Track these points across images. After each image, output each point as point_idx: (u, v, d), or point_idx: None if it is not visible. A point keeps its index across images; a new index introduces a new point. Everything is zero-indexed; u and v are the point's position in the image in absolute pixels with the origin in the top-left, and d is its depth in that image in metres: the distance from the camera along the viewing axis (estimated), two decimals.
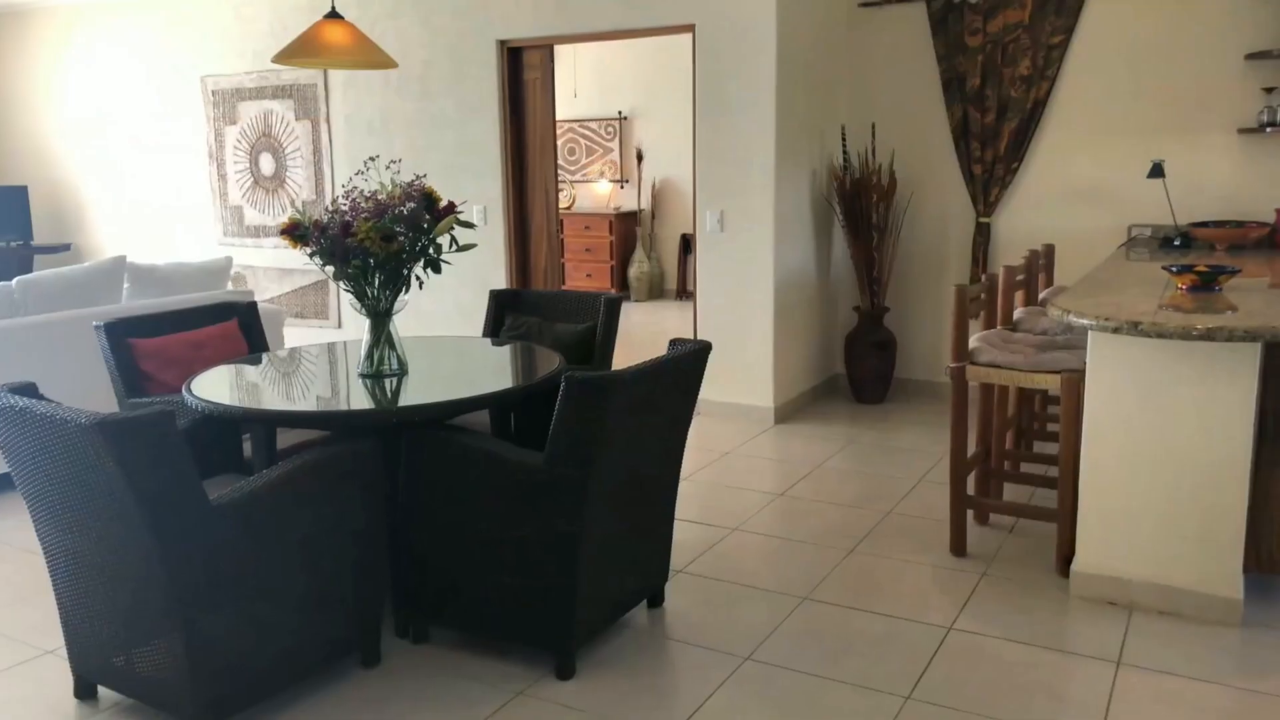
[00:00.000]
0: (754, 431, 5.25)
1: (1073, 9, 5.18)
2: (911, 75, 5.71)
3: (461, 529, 2.81)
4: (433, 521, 2.85)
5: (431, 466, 2.81)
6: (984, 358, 3.50)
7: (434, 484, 2.82)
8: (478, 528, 2.78)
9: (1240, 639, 2.95)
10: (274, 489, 2.50)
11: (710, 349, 2.93)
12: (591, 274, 10.23)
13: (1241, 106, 4.95)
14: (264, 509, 2.48)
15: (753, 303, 5.31)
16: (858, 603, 3.24)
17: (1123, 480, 3.14)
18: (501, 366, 3.48)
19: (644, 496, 2.95)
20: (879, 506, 4.13)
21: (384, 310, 3.18)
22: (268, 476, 2.52)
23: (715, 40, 5.19)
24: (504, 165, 6.01)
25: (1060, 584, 3.34)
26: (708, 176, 5.33)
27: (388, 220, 3.04)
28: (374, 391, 3.09)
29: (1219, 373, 2.95)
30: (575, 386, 2.53)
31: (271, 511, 2.50)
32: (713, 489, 4.37)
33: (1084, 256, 5.38)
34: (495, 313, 4.21)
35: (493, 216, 6.08)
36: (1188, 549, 3.07)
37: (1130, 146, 5.22)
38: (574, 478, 2.60)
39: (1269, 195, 4.95)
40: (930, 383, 5.94)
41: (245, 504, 2.43)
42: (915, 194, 5.80)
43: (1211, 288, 3.41)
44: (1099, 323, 2.95)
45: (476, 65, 5.98)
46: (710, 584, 3.41)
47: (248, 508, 2.44)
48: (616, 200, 10.45)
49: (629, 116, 10.26)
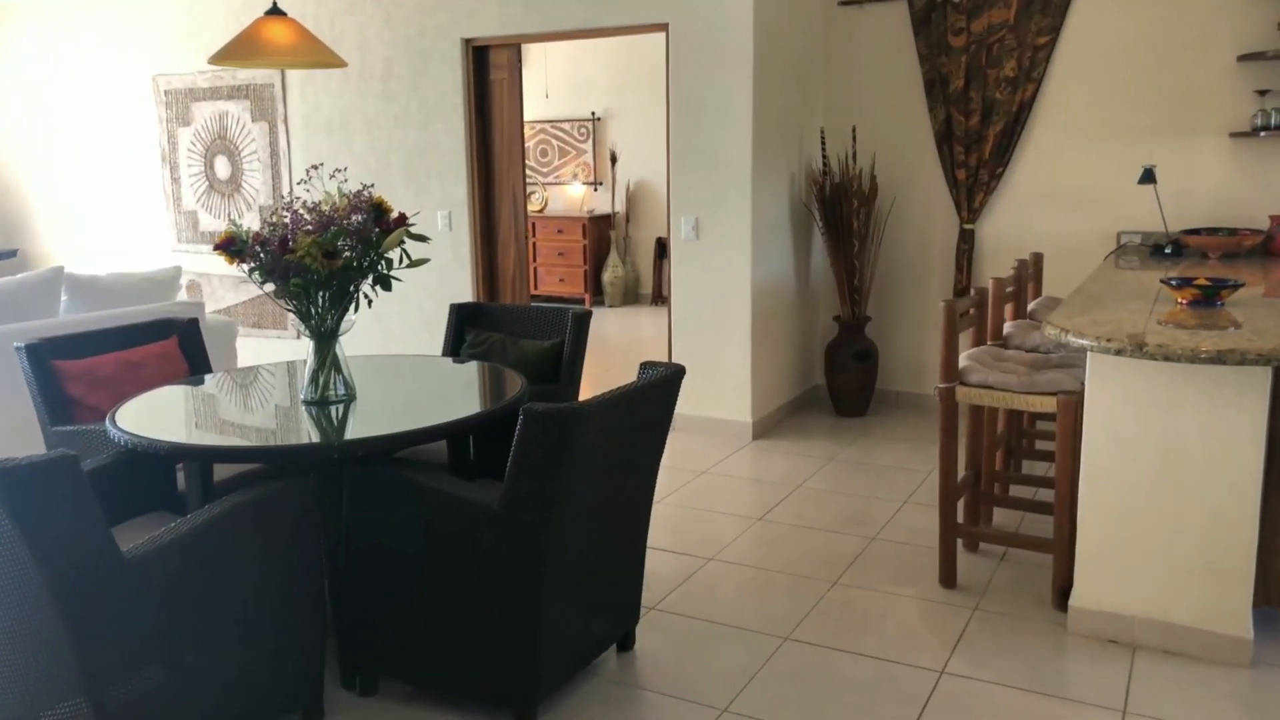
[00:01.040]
0: (731, 448, 5.02)
1: (1059, 8, 5.00)
2: (893, 77, 5.51)
3: (412, 573, 2.56)
4: (381, 565, 2.60)
5: (378, 506, 2.56)
6: (975, 378, 3.29)
7: (381, 524, 2.57)
8: (430, 572, 2.54)
9: (1250, 682, 2.75)
10: (200, 536, 2.25)
11: (684, 373, 2.70)
12: (564, 279, 9.98)
13: (1234, 110, 4.78)
14: (188, 558, 2.22)
15: (730, 313, 5.08)
16: (843, 643, 3.02)
17: (1124, 510, 2.94)
18: (460, 390, 3.23)
19: (613, 534, 2.72)
20: (863, 532, 3.91)
21: (329, 331, 2.92)
22: (193, 522, 2.27)
23: (690, 40, 4.96)
24: (470, 168, 5.76)
25: (1057, 619, 3.14)
26: (682, 182, 5.11)
27: (332, 234, 2.79)
28: (318, 421, 2.83)
29: (1227, 396, 2.76)
30: (535, 420, 2.29)
31: (198, 560, 2.25)
32: (687, 513, 4.14)
33: (1072, 264, 5.20)
34: (456, 328, 3.96)
35: (458, 222, 5.83)
36: (1194, 584, 2.88)
37: (1119, 150, 5.05)
38: (535, 519, 2.37)
39: (1262, 201, 4.79)
40: (913, 394, 5.75)
41: (165, 555, 2.18)
42: (897, 200, 5.60)
43: (1213, 303, 3.22)
44: (1100, 343, 2.75)
45: (440, 64, 5.72)
46: (685, 623, 3.17)
47: (168, 558, 2.18)
48: (590, 203, 10.21)
49: (602, 117, 10.02)
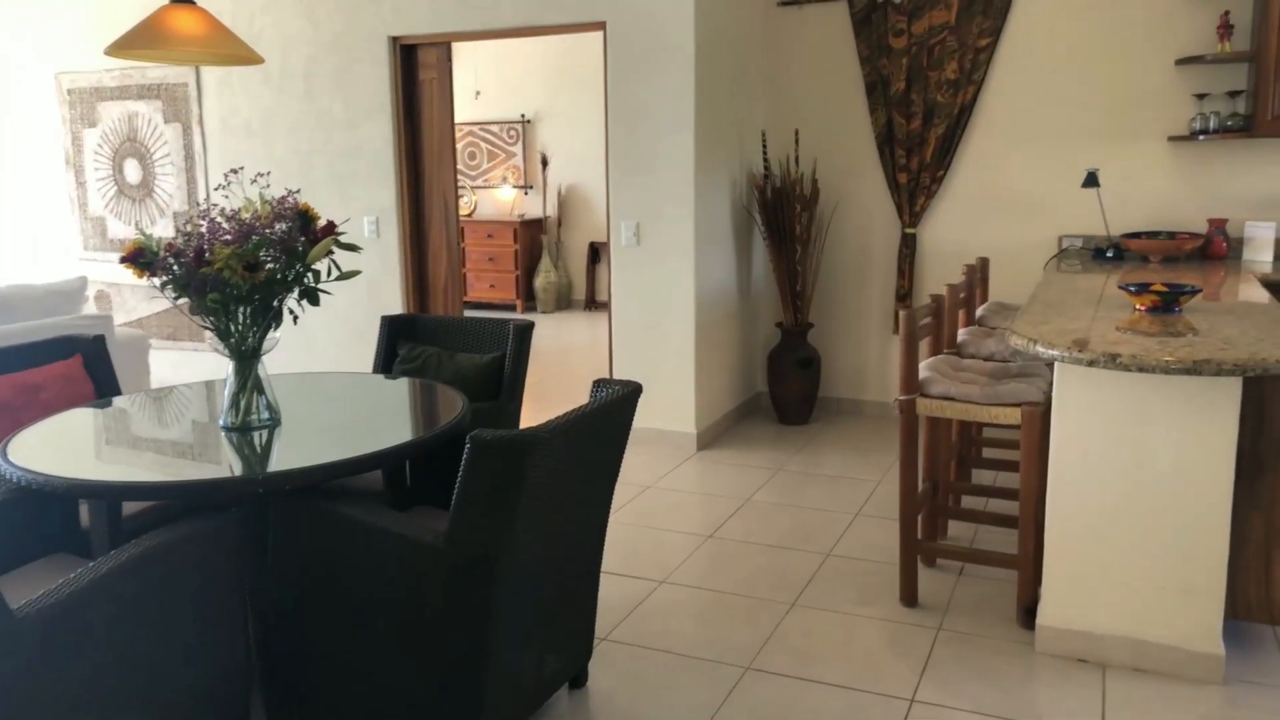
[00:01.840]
0: (675, 461, 4.86)
1: (1000, 10, 4.96)
2: (834, 78, 5.42)
3: (347, 617, 2.33)
4: (312, 609, 2.37)
5: (308, 544, 2.33)
6: (936, 389, 3.18)
7: (312, 565, 2.34)
8: (366, 615, 2.31)
9: (1223, 700, 2.68)
10: (106, 586, 1.99)
11: (640, 392, 2.52)
12: (495, 284, 9.73)
13: (1172, 113, 4.79)
14: (90, 611, 1.97)
15: (673, 321, 4.92)
16: (807, 671, 2.88)
17: (1093, 525, 2.85)
18: (396, 411, 3.00)
19: (565, 566, 2.52)
20: (817, 547, 3.78)
21: (250, 350, 2.67)
22: (97, 571, 2.00)
23: (628, 39, 4.79)
24: (398, 172, 5.50)
25: (1023, 637, 3.04)
26: (622, 186, 4.93)
27: (253, 245, 2.54)
28: (240, 449, 2.58)
29: (1198, 407, 2.69)
30: (485, 450, 2.09)
31: (101, 614, 1.99)
32: (634, 533, 3.97)
33: (1014, 268, 5.17)
34: (387, 342, 3.72)
35: (386, 228, 5.56)
36: (1165, 600, 2.80)
37: (1059, 154, 5.03)
38: (483, 556, 2.16)
39: (1200, 205, 4.81)
40: (854, 401, 5.67)
41: (62, 611, 1.91)
42: (839, 204, 5.52)
43: (1172, 309, 3.16)
44: (1070, 354, 2.65)
45: (366, 63, 5.45)
46: (639, 655, 2.99)
47: (66, 615, 1.92)
48: (520, 207, 9.97)
49: (532, 120, 9.79)
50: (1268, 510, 2.86)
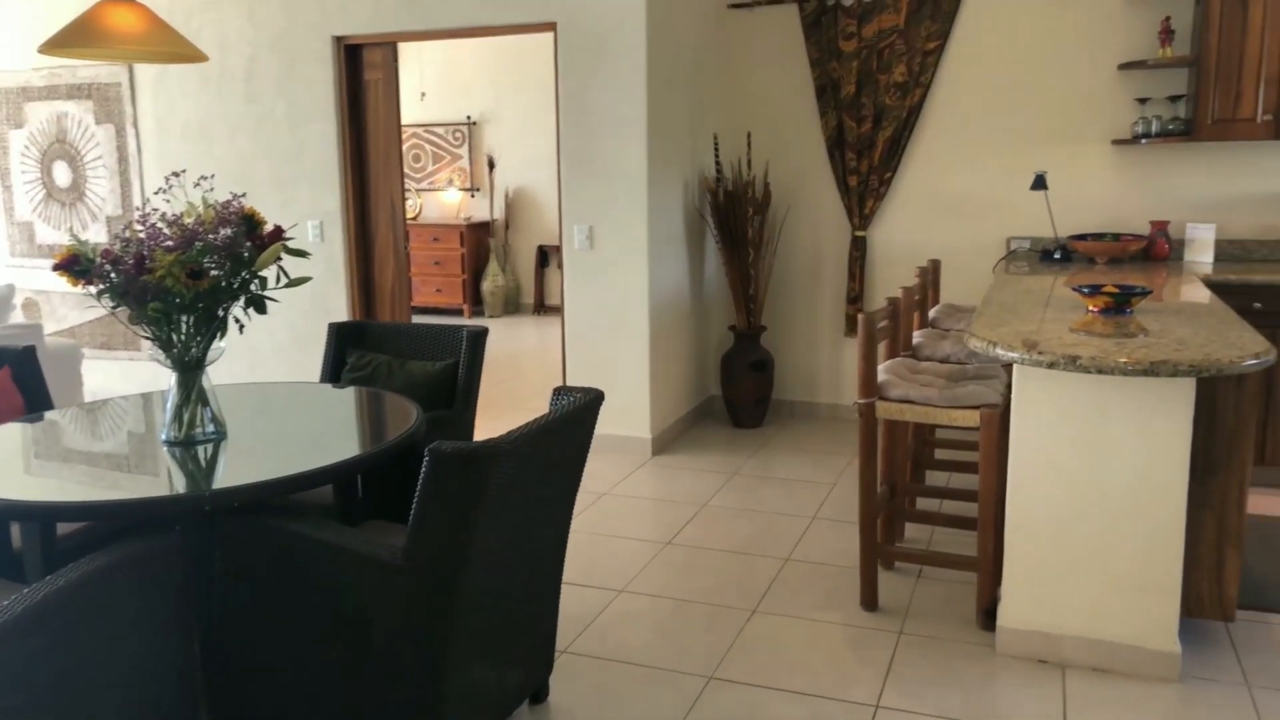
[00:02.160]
0: (631, 466, 4.81)
1: (948, 14, 5.00)
2: (785, 81, 5.42)
3: (299, 638, 2.24)
4: (262, 631, 2.27)
5: (258, 563, 2.23)
6: (896, 393, 3.17)
7: (262, 584, 2.24)
8: (320, 635, 2.23)
9: (1180, 698, 2.71)
10: (41, 616, 1.88)
11: (602, 399, 2.46)
12: (441, 289, 9.60)
13: (1116, 117, 4.87)
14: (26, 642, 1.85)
15: (627, 325, 4.88)
16: (771, 679, 2.85)
17: (1051, 526, 2.87)
18: (347, 422, 2.91)
19: (526, 579, 2.46)
20: (775, 552, 3.76)
21: (194, 361, 2.56)
22: (31, 599, 1.89)
23: (579, 40, 4.73)
24: (343, 175, 5.37)
25: (984, 639, 3.04)
26: (574, 189, 4.87)
27: (197, 251, 2.44)
28: (184, 465, 2.47)
29: (1154, 407, 2.71)
30: (445, 462, 2.02)
31: (39, 647, 1.88)
32: (591, 541, 3.91)
33: (963, 270, 5.22)
34: (336, 350, 3.62)
35: (331, 232, 5.43)
36: (1123, 599, 2.82)
37: (1006, 156, 5.08)
38: (442, 571, 2.09)
39: (1143, 207, 4.90)
40: (807, 404, 5.67)
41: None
42: (791, 207, 5.52)
43: (1124, 310, 3.20)
44: (1030, 356, 2.66)
45: (310, 64, 5.32)
46: (600, 667, 2.94)
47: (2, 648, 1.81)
48: (467, 210, 9.85)
49: (479, 121, 9.68)
50: (1219, 509, 2.90)
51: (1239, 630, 3.07)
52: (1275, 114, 4.34)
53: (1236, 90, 4.39)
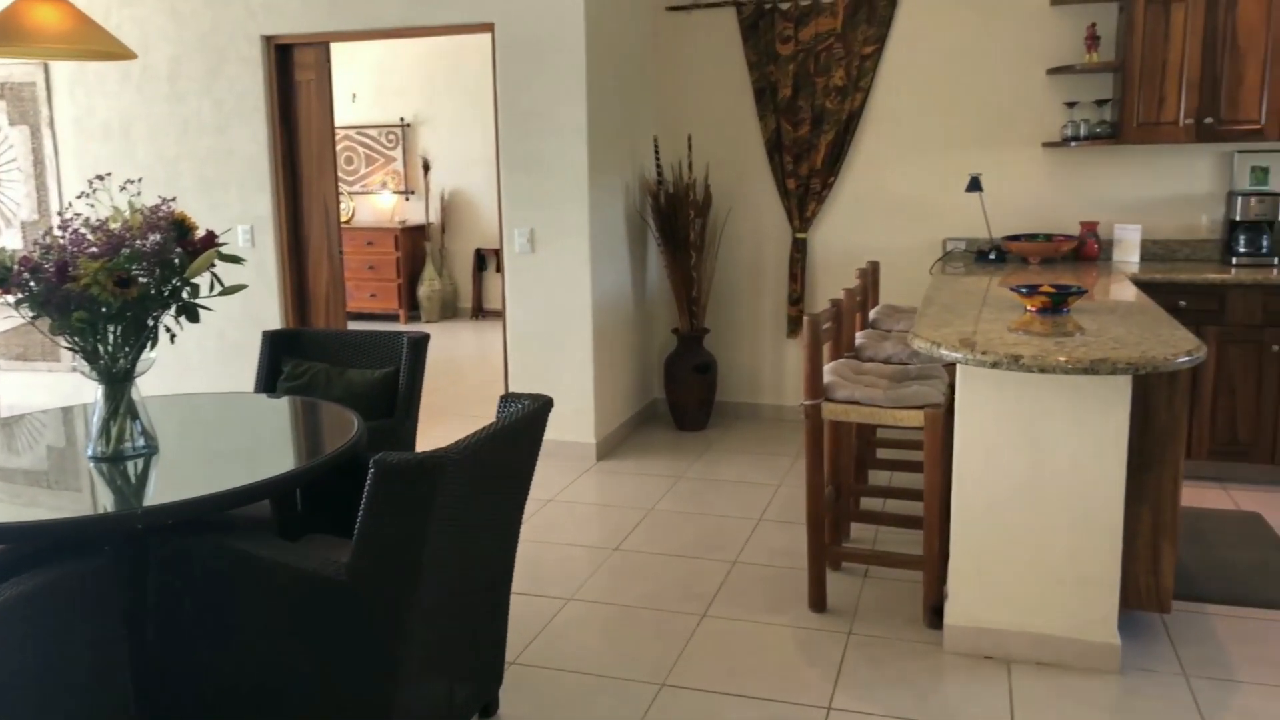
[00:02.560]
0: (575, 472, 4.77)
1: (884, 19, 5.06)
2: (724, 84, 5.43)
3: (239, 660, 2.16)
4: (198, 654, 2.18)
5: (194, 583, 2.14)
6: (841, 394, 3.19)
7: (199, 605, 2.15)
8: (261, 653, 2.15)
9: (1121, 689, 2.77)
10: None
11: (551, 406, 2.42)
12: (376, 294, 9.43)
13: (1046, 120, 4.98)
14: None
15: (570, 329, 4.83)
16: (722, 685, 2.83)
17: (995, 523, 2.91)
18: (284, 433, 2.82)
19: (476, 591, 2.41)
20: (723, 555, 3.76)
21: (122, 373, 2.46)
22: None
23: (518, 41, 4.68)
24: (275, 178, 5.24)
25: (931, 638, 3.07)
26: (514, 191, 4.81)
27: (123, 258, 2.34)
28: (113, 482, 2.37)
29: (1092, 405, 2.76)
30: (391, 474, 1.96)
31: None
32: (538, 549, 3.86)
33: (901, 271, 5.29)
34: (270, 359, 3.51)
35: (262, 237, 5.29)
36: (1064, 594, 2.87)
37: (942, 159, 5.16)
38: (389, 586, 2.03)
39: (1073, 208, 5.01)
40: (750, 405, 5.69)
41: None
42: (732, 209, 5.53)
43: (1060, 310, 3.26)
44: (974, 356, 2.69)
45: (237, 63, 5.17)
46: (550, 677, 2.89)
47: None
48: (402, 213, 9.70)
49: (413, 123, 9.53)
50: (1155, 503, 2.97)
51: (1174, 621, 3.14)
52: (1197, 118, 4.48)
53: (1160, 95, 4.51)
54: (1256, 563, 3.55)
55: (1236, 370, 4.33)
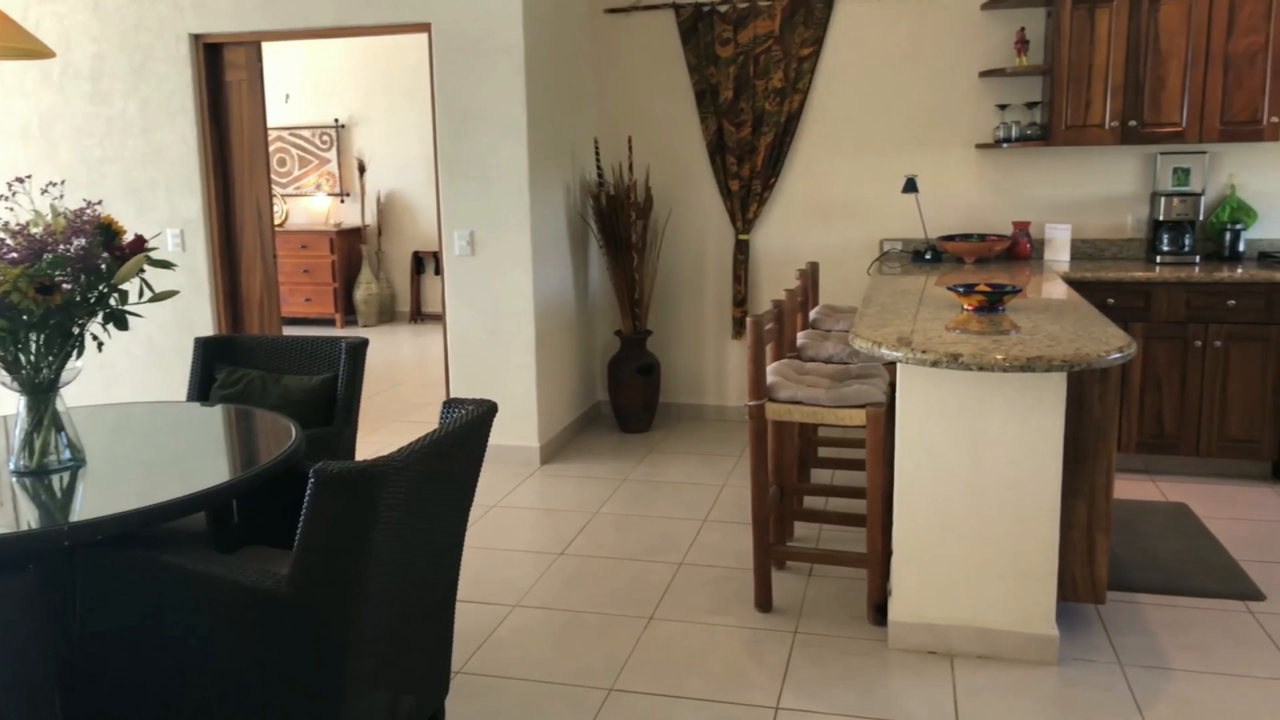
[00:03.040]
0: (519, 477, 4.73)
1: (821, 21, 5.11)
2: (664, 86, 5.43)
3: (174, 679, 2.09)
4: (131, 673, 2.11)
5: (125, 600, 2.07)
6: (784, 394, 3.20)
7: (130, 624, 2.08)
8: (198, 670, 2.08)
9: (1059, 680, 2.82)
10: None
11: (495, 411, 2.39)
12: (311, 298, 9.26)
13: (979, 122, 5.08)
14: None
15: (511, 332, 4.79)
16: (671, 687, 2.83)
17: (937, 520, 2.95)
18: (218, 443, 2.74)
19: (419, 600, 2.36)
20: (668, 557, 3.75)
21: (46, 383, 2.36)
22: None
23: (455, 41, 4.62)
24: (205, 180, 5.10)
25: (876, 634, 3.10)
26: (453, 193, 4.75)
27: (46, 264, 2.25)
28: (37, 496, 2.27)
29: (1029, 402, 2.82)
30: (331, 484, 1.91)
31: None
32: (481, 555, 3.81)
33: (840, 272, 5.35)
34: (203, 366, 3.42)
35: (193, 241, 5.15)
36: (1004, 588, 2.92)
37: (879, 161, 5.23)
38: (331, 599, 1.98)
39: (1006, 208, 5.12)
40: (693, 406, 5.70)
41: None
42: (674, 211, 5.54)
43: (997, 308, 3.32)
44: (914, 355, 2.72)
45: (165, 62, 5.02)
46: (496, 686, 2.86)
47: None
48: (337, 216, 9.54)
49: (347, 124, 9.38)
50: (1089, 496, 3.04)
51: (1109, 612, 3.22)
52: (1122, 121, 4.60)
53: (1086, 98, 4.63)
54: (1184, 552, 3.66)
55: (1162, 365, 4.46)
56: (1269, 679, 2.80)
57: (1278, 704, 2.67)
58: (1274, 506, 4.16)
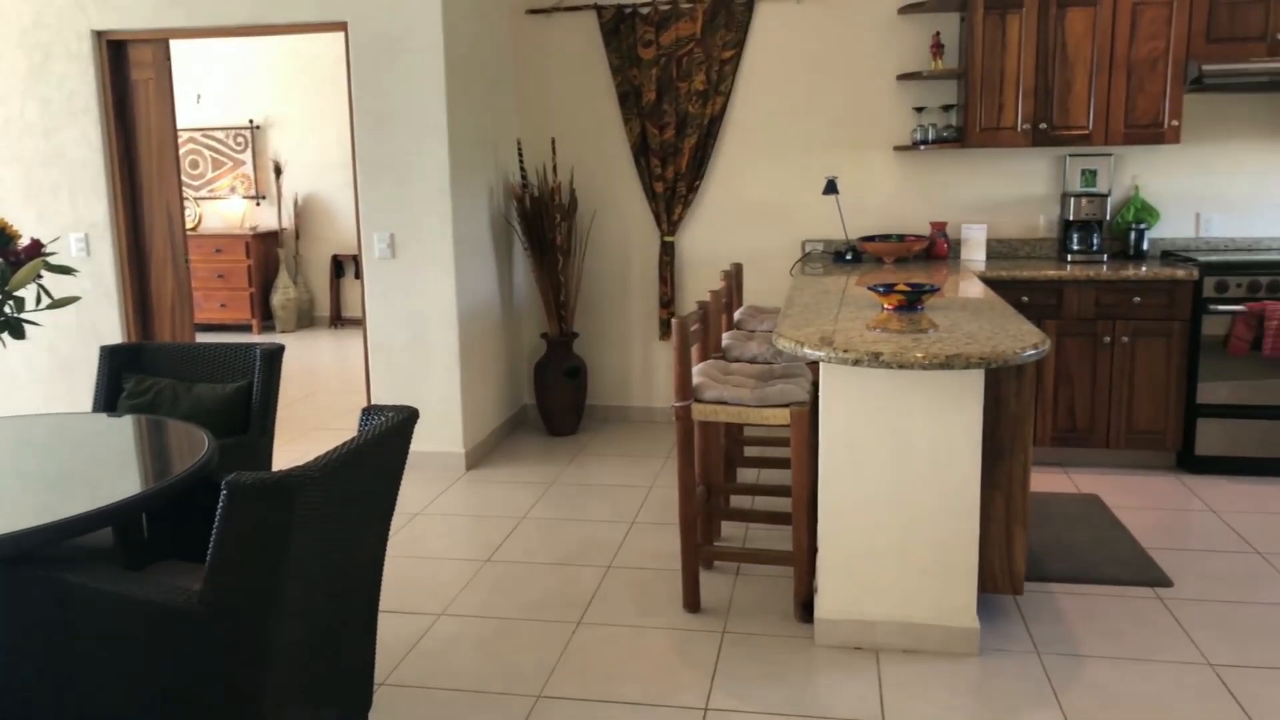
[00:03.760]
0: (444, 483, 4.66)
1: (742, 24, 5.15)
2: (587, 88, 5.41)
3: (84, 703, 2.00)
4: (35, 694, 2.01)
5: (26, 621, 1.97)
6: (710, 394, 3.21)
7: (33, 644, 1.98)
8: (109, 692, 1.99)
9: (981, 670, 2.88)
10: None
11: (416, 418, 2.34)
12: (227, 304, 9.01)
13: (896, 125, 5.17)
14: None
15: (434, 336, 4.72)
16: (600, 692, 2.81)
17: (861, 516, 2.98)
18: (125, 455, 2.63)
19: (340, 612, 2.30)
20: (597, 560, 3.74)
21: None
22: None
23: (373, 41, 4.54)
24: (111, 183, 4.91)
25: (803, 632, 3.13)
26: (372, 195, 4.66)
27: None
28: None
29: (948, 399, 2.87)
30: (244, 496, 1.85)
31: None
32: (406, 564, 3.74)
33: (764, 273, 5.40)
34: (110, 375, 3.29)
35: (99, 245, 4.95)
36: (927, 581, 2.97)
37: (800, 162, 5.29)
38: (246, 614, 1.91)
39: (924, 209, 5.22)
40: (621, 408, 5.70)
41: None
42: (598, 213, 5.52)
43: (915, 307, 3.38)
44: (836, 355, 2.75)
45: (65, 60, 4.82)
46: (422, 696, 2.81)
47: None
48: (253, 219, 9.30)
49: (262, 125, 9.15)
50: (1007, 489, 3.11)
51: (1026, 602, 3.30)
52: (1033, 123, 4.74)
53: (999, 101, 4.75)
54: (1096, 542, 3.78)
55: (1074, 361, 4.60)
56: (1177, 662, 2.90)
57: (1185, 686, 2.77)
58: (1179, 495, 4.32)
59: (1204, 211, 5.00)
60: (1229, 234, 5.00)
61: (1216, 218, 4.99)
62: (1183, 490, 4.38)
